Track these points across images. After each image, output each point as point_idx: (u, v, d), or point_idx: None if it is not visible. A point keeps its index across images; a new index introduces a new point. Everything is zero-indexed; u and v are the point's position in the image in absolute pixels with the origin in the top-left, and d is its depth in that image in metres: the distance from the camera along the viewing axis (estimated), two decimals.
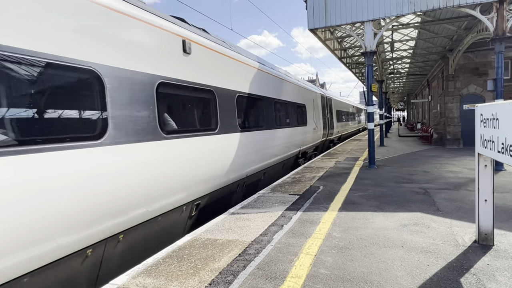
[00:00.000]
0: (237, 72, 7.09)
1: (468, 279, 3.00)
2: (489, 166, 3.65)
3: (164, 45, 4.71)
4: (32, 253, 2.77)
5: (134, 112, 4.02)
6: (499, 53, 8.74)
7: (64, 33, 3.17)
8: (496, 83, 8.92)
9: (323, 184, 7.47)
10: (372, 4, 9.51)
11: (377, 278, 3.08)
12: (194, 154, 5.19)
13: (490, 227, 3.73)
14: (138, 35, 4.20)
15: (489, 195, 3.67)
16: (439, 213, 5.06)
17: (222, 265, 3.45)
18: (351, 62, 20.18)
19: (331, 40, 14.99)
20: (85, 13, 3.42)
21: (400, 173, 8.67)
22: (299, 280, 3.08)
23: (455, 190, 6.51)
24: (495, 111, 3.21)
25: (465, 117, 14.87)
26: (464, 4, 8.72)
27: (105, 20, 3.67)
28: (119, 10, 3.88)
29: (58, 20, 3.13)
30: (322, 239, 4.09)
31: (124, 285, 3.10)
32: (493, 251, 3.59)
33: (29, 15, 2.87)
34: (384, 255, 3.59)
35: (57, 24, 3.12)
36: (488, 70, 14.50)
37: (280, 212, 5.33)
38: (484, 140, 3.49)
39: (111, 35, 3.75)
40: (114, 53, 3.78)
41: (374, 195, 6.33)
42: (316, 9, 10.14)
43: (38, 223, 2.80)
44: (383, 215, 5.05)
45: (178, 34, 5.07)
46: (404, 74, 25.67)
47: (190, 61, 5.29)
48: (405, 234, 4.19)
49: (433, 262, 3.38)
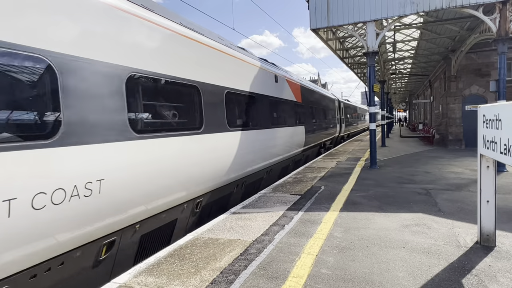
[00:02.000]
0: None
1: (469, 280, 3.00)
2: (491, 167, 3.64)
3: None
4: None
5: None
6: (502, 54, 8.71)
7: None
8: (498, 84, 8.88)
9: (325, 184, 7.47)
10: (375, 4, 9.50)
11: (378, 278, 3.08)
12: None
13: (492, 228, 3.73)
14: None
15: (491, 196, 3.66)
16: (440, 214, 5.06)
17: (223, 265, 3.46)
18: (353, 63, 20.16)
19: (333, 40, 14.98)
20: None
21: (401, 174, 8.65)
22: (301, 280, 3.09)
23: (457, 191, 6.50)
24: (497, 112, 3.21)
25: (467, 118, 14.82)
26: (467, 5, 8.70)
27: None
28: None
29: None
30: (323, 239, 4.09)
31: (126, 284, 3.11)
32: (495, 252, 3.58)
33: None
34: (385, 255, 3.59)
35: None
36: (490, 71, 14.45)
37: (281, 212, 5.33)
38: (487, 141, 3.49)
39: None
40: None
41: (375, 196, 6.32)
42: (318, 9, 10.13)
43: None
44: (385, 215, 5.05)
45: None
46: (406, 74, 25.63)
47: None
48: (407, 235, 4.19)
49: (434, 263, 3.38)
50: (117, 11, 3.88)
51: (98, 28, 3.60)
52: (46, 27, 3.02)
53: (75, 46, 3.30)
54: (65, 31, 3.22)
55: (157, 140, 4.38)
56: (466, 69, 15.00)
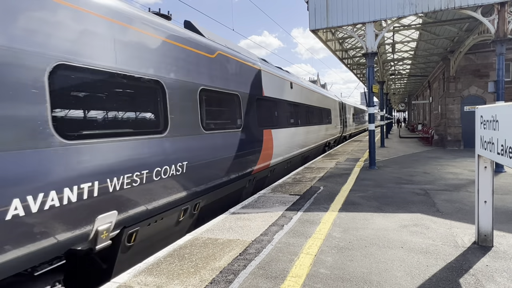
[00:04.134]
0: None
1: (467, 280, 3.02)
2: (489, 168, 3.67)
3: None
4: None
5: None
6: (500, 55, 8.76)
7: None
8: (497, 85, 8.93)
9: (324, 185, 7.49)
10: (374, 5, 9.53)
11: (376, 278, 3.10)
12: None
13: (490, 229, 3.75)
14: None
15: (489, 196, 3.69)
16: (439, 214, 5.08)
17: (223, 264, 3.48)
18: (352, 63, 20.20)
19: (332, 41, 15.02)
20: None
21: (400, 174, 8.68)
22: (299, 280, 3.10)
23: (455, 192, 6.53)
24: (495, 113, 3.23)
25: (466, 119, 14.87)
26: (466, 6, 8.74)
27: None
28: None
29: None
30: (322, 239, 4.11)
31: (125, 283, 3.13)
32: (492, 252, 3.60)
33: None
34: (383, 255, 3.61)
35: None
36: (489, 72, 14.50)
37: (280, 212, 5.35)
38: (484, 141, 3.51)
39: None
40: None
41: (374, 196, 6.35)
42: (317, 10, 10.16)
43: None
44: (383, 215, 5.07)
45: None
46: (405, 75, 25.68)
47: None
48: (405, 235, 4.21)
49: (432, 262, 3.40)
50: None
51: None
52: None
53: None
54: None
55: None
56: (465, 70, 15.04)
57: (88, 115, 3.55)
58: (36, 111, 2.89)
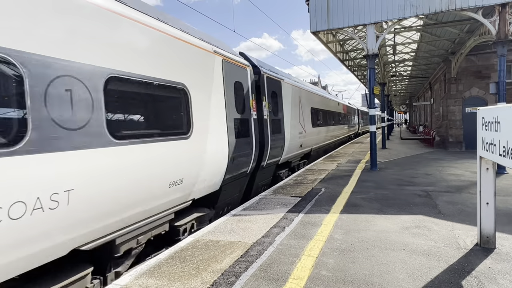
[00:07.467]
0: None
1: (469, 282, 3.01)
2: (490, 169, 3.66)
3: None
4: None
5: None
6: (502, 56, 8.75)
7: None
8: (498, 86, 8.91)
9: (325, 186, 7.48)
10: (375, 7, 9.54)
11: (378, 280, 3.09)
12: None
13: (492, 230, 3.74)
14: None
15: (491, 198, 3.67)
16: (440, 216, 5.07)
17: (224, 266, 3.47)
18: (353, 65, 20.20)
19: (333, 42, 15.03)
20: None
21: (402, 176, 8.66)
22: (301, 282, 3.10)
23: (457, 193, 6.51)
24: (496, 115, 3.23)
25: (467, 120, 14.84)
26: (467, 8, 8.74)
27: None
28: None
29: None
30: (323, 241, 4.11)
31: (127, 285, 3.13)
32: (495, 254, 3.59)
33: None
34: (385, 257, 3.60)
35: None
36: (490, 73, 14.48)
37: (282, 214, 5.34)
38: (486, 143, 3.50)
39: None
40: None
41: (376, 198, 6.34)
42: (318, 12, 10.18)
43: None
44: (385, 217, 5.06)
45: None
46: (406, 76, 25.66)
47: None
48: (407, 237, 4.20)
49: (434, 264, 3.39)
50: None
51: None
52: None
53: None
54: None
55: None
56: (466, 71, 15.02)
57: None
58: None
